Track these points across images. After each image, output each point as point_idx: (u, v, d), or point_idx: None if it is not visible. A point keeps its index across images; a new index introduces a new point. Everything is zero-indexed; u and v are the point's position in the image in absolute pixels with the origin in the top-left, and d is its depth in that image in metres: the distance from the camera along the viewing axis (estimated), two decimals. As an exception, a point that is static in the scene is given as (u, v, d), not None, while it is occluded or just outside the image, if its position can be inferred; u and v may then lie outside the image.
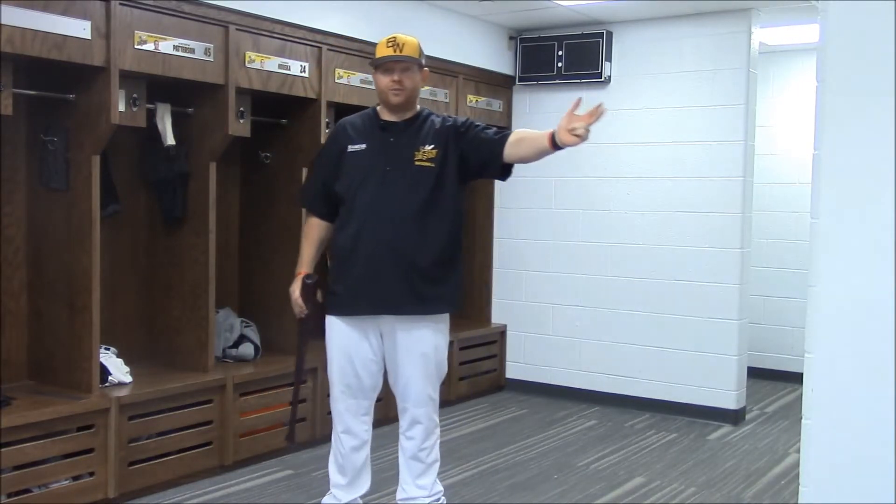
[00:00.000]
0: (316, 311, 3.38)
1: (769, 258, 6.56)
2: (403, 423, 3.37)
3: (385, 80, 3.20)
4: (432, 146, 3.23)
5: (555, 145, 3.03)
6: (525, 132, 3.25)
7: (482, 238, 6.12)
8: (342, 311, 3.28)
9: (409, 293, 3.20)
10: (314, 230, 3.40)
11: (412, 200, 3.18)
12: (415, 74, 3.23)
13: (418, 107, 3.34)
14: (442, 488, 3.46)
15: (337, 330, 3.30)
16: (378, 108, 3.34)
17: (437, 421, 3.40)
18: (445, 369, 3.40)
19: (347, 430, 3.34)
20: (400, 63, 3.18)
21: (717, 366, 5.33)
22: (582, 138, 2.94)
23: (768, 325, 6.61)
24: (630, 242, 5.60)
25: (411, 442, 3.36)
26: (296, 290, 3.34)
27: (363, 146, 3.25)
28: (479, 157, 3.25)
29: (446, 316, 3.36)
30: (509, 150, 3.18)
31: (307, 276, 3.34)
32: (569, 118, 2.97)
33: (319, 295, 3.37)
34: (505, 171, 3.30)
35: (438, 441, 3.42)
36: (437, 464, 3.42)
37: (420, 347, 3.27)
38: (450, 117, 3.35)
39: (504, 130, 3.30)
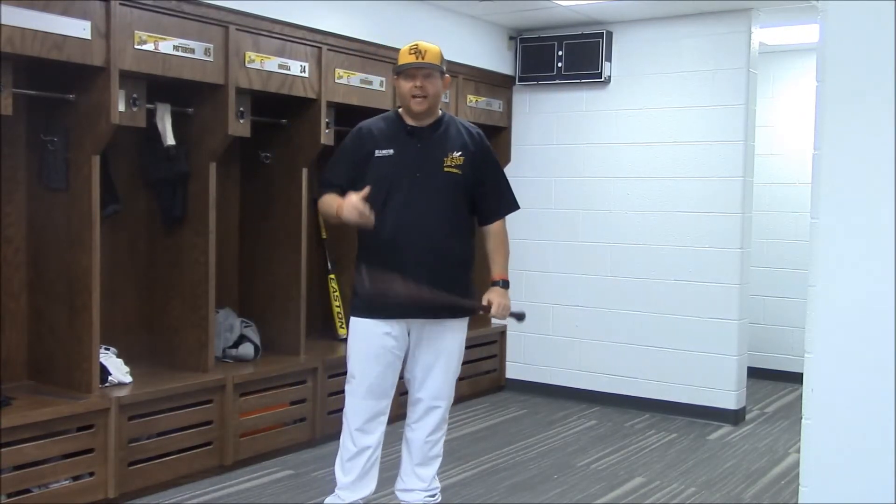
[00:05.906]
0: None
1: (769, 258, 6.56)
2: (414, 414, 3.43)
3: (407, 86, 3.24)
4: (460, 153, 3.31)
5: (494, 282, 3.45)
6: (502, 250, 3.58)
7: (482, 238, 6.08)
8: (376, 314, 3.28)
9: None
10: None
11: (442, 206, 3.27)
12: (437, 81, 3.28)
13: (440, 112, 3.38)
14: (439, 485, 3.50)
15: (364, 332, 3.32)
16: (400, 111, 3.36)
17: (447, 418, 3.48)
18: (460, 368, 3.51)
19: (362, 429, 3.36)
20: (422, 69, 3.23)
21: (717, 366, 5.33)
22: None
23: (768, 325, 6.61)
24: (630, 242, 5.60)
25: (417, 433, 3.42)
26: (352, 196, 3.07)
27: (391, 151, 3.28)
28: (476, 200, 3.41)
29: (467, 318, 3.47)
30: (488, 230, 3.46)
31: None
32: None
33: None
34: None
35: (444, 438, 3.49)
36: (440, 459, 3.49)
37: (447, 345, 3.38)
38: (474, 130, 3.42)
39: (506, 205, 3.51)
